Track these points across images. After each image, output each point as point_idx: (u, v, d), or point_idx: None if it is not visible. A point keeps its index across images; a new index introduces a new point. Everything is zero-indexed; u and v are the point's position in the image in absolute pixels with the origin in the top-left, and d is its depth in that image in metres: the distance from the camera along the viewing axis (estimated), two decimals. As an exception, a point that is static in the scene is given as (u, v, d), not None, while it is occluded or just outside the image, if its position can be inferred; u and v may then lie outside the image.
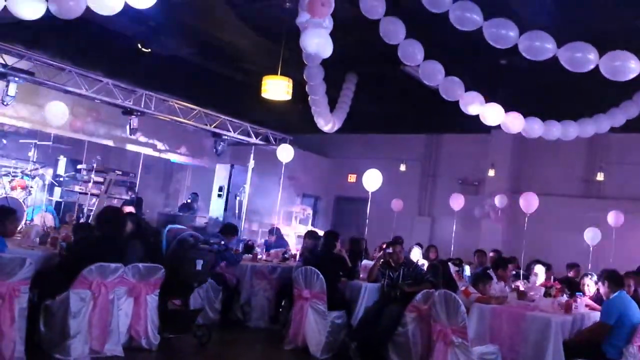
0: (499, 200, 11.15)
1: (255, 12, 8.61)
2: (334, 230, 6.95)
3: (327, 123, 9.68)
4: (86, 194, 9.43)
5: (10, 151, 10.03)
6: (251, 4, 8.40)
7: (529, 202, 8.85)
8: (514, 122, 7.29)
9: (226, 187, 12.31)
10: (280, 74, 8.41)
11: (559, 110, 7.87)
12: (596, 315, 5.52)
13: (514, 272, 7.38)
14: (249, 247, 8.29)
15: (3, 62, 7.49)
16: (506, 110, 7.24)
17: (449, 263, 7.73)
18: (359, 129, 12.74)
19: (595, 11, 6.68)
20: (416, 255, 8.38)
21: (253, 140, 11.79)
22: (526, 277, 7.21)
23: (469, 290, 5.59)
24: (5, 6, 5.28)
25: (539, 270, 7.20)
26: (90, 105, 9.85)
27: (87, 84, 8.58)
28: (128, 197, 10.47)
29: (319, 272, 5.90)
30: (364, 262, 7.41)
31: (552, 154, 11.36)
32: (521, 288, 6.01)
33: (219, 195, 12.42)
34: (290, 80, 8.39)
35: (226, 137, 11.14)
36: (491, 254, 8.72)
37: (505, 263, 6.98)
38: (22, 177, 9.23)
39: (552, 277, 7.20)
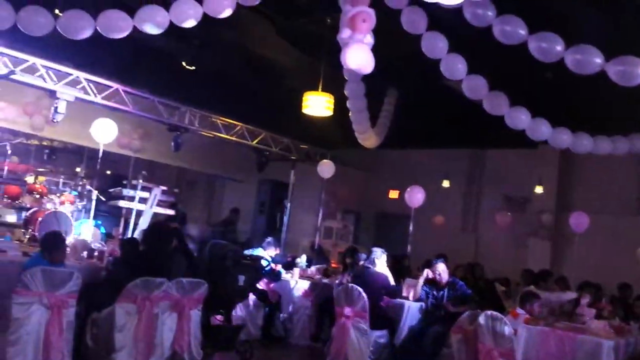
0: (546, 218, 10.84)
1: (296, 29, 8.69)
2: (378, 247, 6.87)
3: (368, 138, 9.64)
4: (132, 209, 9.62)
5: (59, 167, 10.34)
6: (292, 21, 8.49)
7: (580, 222, 8.56)
8: (561, 137, 7.08)
9: (267, 202, 12.38)
10: (321, 90, 8.45)
11: (608, 126, 7.61)
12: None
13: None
14: (290, 264, 8.29)
15: (53, 80, 7.75)
16: (553, 125, 7.05)
17: (496, 283, 7.54)
18: (401, 145, 12.63)
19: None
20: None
21: (294, 156, 11.83)
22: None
23: (516, 311, 5.42)
24: (55, 26, 5.49)
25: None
26: (136, 122, 10.09)
27: (134, 102, 8.79)
28: (172, 213, 10.63)
29: (361, 290, 5.83)
30: (407, 280, 7.29)
31: (601, 171, 10.99)
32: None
33: (260, 211, 12.50)
34: (331, 96, 8.41)
35: (267, 153, 11.21)
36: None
37: (544, 276, 6.75)
38: (70, 192, 9.50)
39: (602, 299, 6.93)
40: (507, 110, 6.94)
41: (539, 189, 11.66)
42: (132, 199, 9.62)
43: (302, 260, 8.18)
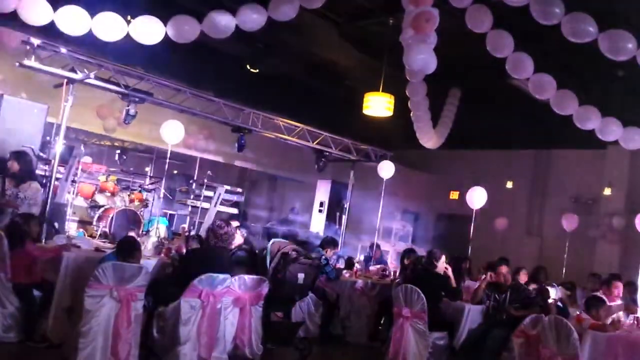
0: (616, 221, 10.39)
1: (357, 30, 8.73)
2: (437, 248, 6.79)
3: (430, 139, 9.56)
4: (197, 207, 9.93)
5: (129, 166, 10.81)
6: (354, 22, 8.53)
7: None
8: (633, 138, 6.79)
9: (327, 202, 12.45)
10: (382, 90, 8.45)
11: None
12: None
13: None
14: (349, 263, 8.33)
15: (125, 83, 8.12)
16: (624, 125, 6.77)
17: (560, 287, 7.30)
18: (462, 145, 12.43)
19: None
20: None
21: (354, 156, 11.86)
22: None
23: (582, 316, 5.25)
24: (128, 32, 5.77)
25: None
26: (202, 123, 10.40)
27: (200, 104, 9.07)
28: (236, 211, 10.90)
29: (420, 291, 5.80)
30: (467, 282, 7.18)
31: None
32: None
33: (320, 211, 12.59)
34: (392, 97, 8.39)
35: (327, 154, 11.29)
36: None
37: (609, 280, 6.48)
38: (139, 191, 9.92)
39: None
40: (575, 109, 6.72)
41: (607, 191, 11.19)
42: (197, 197, 9.93)
43: (361, 259, 8.20)
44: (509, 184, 12.58)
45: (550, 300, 6.20)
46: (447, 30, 6.31)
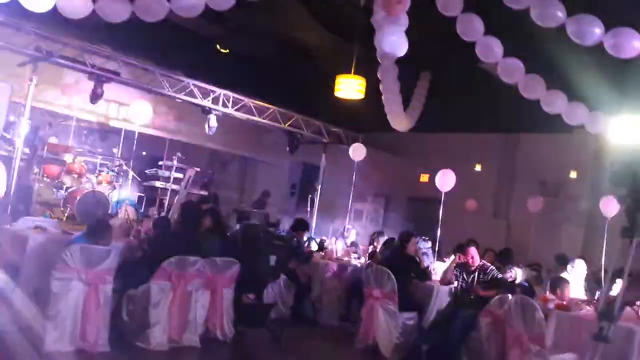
0: (581, 204, 10.64)
1: (329, 11, 8.67)
2: (407, 230, 6.87)
3: (400, 122, 9.60)
4: (167, 189, 9.82)
5: (96, 147, 10.59)
6: (326, 4, 8.47)
7: (609, 206, 8.39)
8: (598, 122, 6.95)
9: (298, 184, 12.47)
10: (354, 73, 8.43)
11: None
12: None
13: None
14: (320, 245, 8.37)
15: (91, 62, 7.93)
16: (590, 110, 6.91)
17: (526, 268, 7.48)
18: (433, 128, 12.52)
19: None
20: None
21: (325, 138, 11.86)
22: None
23: (547, 296, 5.39)
24: (93, 9, 5.60)
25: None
26: (171, 104, 10.24)
27: (169, 84, 8.93)
28: (206, 193, 10.81)
29: (390, 272, 5.87)
30: (437, 263, 7.30)
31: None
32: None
33: (292, 193, 12.61)
34: (363, 79, 8.39)
35: (299, 136, 11.26)
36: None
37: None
38: (107, 173, 9.75)
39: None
40: (542, 94, 6.83)
41: (573, 174, 11.43)
42: (167, 179, 9.82)
43: (332, 241, 8.25)
44: (478, 167, 12.75)
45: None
46: (419, 13, 6.32)
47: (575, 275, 6.83)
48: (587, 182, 11.40)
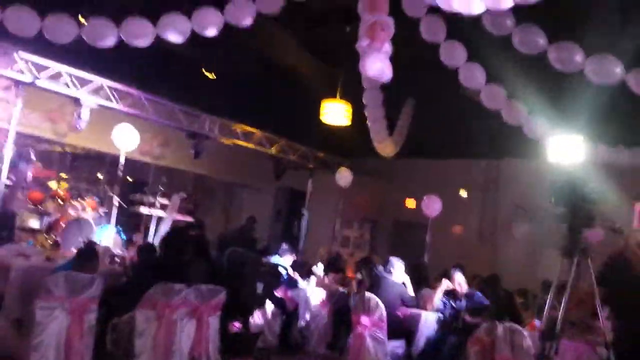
0: (561, 228, 10.70)
1: (315, 37, 8.76)
2: (395, 256, 6.86)
3: (386, 147, 9.65)
4: (152, 215, 9.73)
5: (81, 173, 10.50)
6: (312, 29, 8.56)
7: (593, 235, 8.46)
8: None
9: (285, 210, 12.42)
10: (340, 98, 8.50)
11: (629, 136, 7.55)
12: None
13: None
14: (308, 271, 8.30)
15: (77, 87, 7.89)
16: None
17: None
18: (418, 154, 12.61)
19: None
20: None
21: (312, 164, 11.87)
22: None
23: (534, 323, 5.38)
24: (79, 34, 5.61)
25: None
26: (156, 129, 10.20)
27: (155, 109, 8.90)
28: (192, 219, 10.72)
29: (378, 299, 5.83)
30: (425, 290, 7.26)
31: (618, 182, 10.80)
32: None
33: (278, 219, 12.55)
34: (349, 105, 8.45)
35: (285, 161, 11.27)
36: None
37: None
38: (92, 198, 9.64)
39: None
40: (525, 119, 6.93)
41: (554, 199, 11.51)
42: (152, 205, 9.73)
43: (318, 268, 8.20)
44: (463, 193, 12.82)
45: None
46: (404, 39, 6.40)
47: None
48: (612, 212, 11.44)
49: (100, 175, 10.40)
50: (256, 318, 6.30)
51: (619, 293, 2.78)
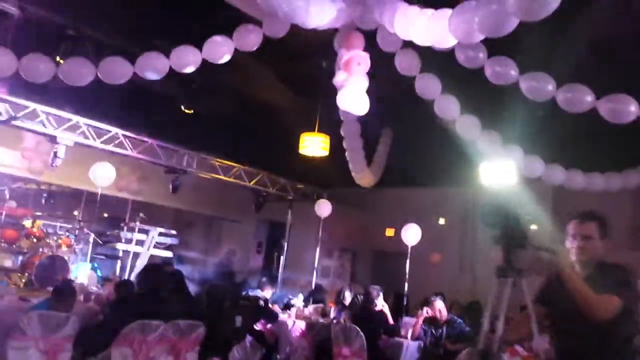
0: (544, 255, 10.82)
1: (292, 71, 8.87)
2: (374, 285, 6.86)
3: (365, 177, 9.72)
4: (128, 251, 9.61)
5: (56, 210, 10.37)
6: (289, 64, 8.67)
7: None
8: (555, 174, 7.20)
9: (265, 242, 12.38)
10: (318, 131, 8.59)
11: (601, 162, 7.73)
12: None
13: None
14: (288, 304, 8.24)
15: (53, 125, 7.86)
16: (546, 162, 7.16)
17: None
18: (397, 184, 12.72)
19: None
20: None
21: (291, 195, 11.90)
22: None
23: (515, 348, 5.39)
24: (56, 73, 5.62)
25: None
26: (134, 164, 10.18)
27: (132, 145, 8.89)
28: (170, 254, 10.62)
29: (359, 329, 5.81)
30: (405, 318, 7.26)
31: (594, 206, 11.00)
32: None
33: (258, 251, 12.49)
34: (327, 137, 8.54)
35: (265, 193, 11.28)
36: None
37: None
38: (67, 236, 9.50)
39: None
40: (500, 148, 7.06)
41: (532, 225, 11.66)
42: (129, 241, 9.63)
43: (299, 300, 8.14)
44: (442, 221, 12.92)
45: None
46: (380, 73, 6.53)
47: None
48: (546, 232, 11.64)
49: (76, 213, 10.27)
50: (235, 353, 6.19)
51: (557, 312, 2.86)
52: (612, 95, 5.58)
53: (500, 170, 7.07)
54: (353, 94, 6.10)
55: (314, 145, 8.50)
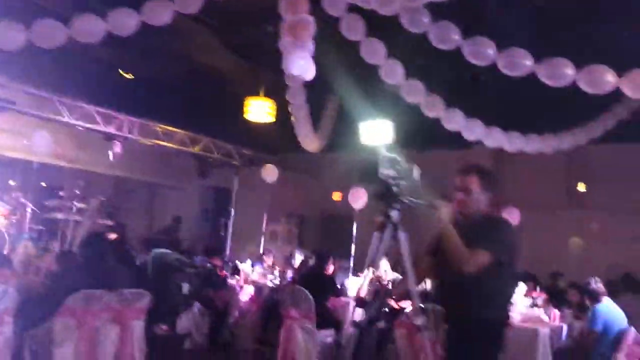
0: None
1: (237, 36, 8.68)
2: (322, 249, 6.95)
3: (311, 142, 9.73)
4: (69, 220, 9.33)
5: (-9, 180, 9.92)
6: (233, 28, 8.48)
7: (511, 217, 8.93)
8: (494, 137, 7.40)
9: (211, 209, 12.28)
10: (263, 96, 8.50)
11: (538, 124, 8.00)
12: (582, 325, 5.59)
13: None
14: (235, 269, 8.26)
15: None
16: (487, 125, 7.35)
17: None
18: (343, 148, 12.80)
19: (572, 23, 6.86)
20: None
21: (237, 161, 11.79)
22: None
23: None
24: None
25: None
26: (72, 132, 9.81)
27: (69, 111, 8.55)
28: (111, 223, 10.38)
29: (307, 292, 5.89)
30: (352, 278, 7.41)
31: (532, 167, 11.47)
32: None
33: (204, 218, 12.39)
34: (273, 102, 8.47)
35: (210, 159, 11.13)
36: None
37: None
38: (3, 206, 9.13)
39: (537, 288, 7.26)
40: (442, 112, 7.19)
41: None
42: (69, 210, 9.35)
43: (247, 265, 8.17)
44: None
45: None
46: (326, 37, 6.48)
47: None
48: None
49: (12, 182, 9.84)
50: (183, 320, 6.19)
51: (440, 264, 3.01)
52: (551, 59, 5.75)
53: (378, 129, 7.46)
54: (299, 59, 6.04)
55: (259, 110, 8.43)
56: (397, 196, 2.86)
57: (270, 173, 10.26)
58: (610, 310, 5.15)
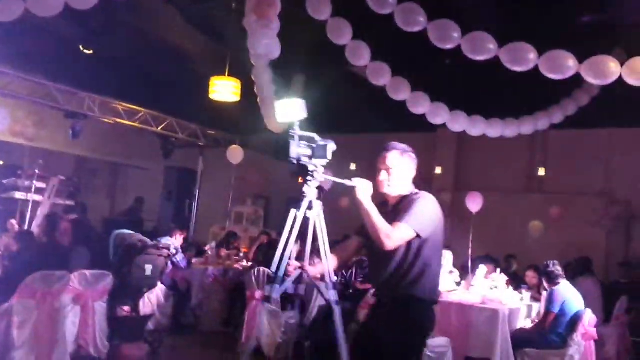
0: (445, 196, 11.40)
1: (201, 14, 8.52)
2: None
3: (276, 123, 9.67)
4: (28, 200, 9.10)
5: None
6: (197, 6, 8.32)
7: (474, 201, 9.11)
8: (458, 121, 7.50)
9: (175, 190, 12.13)
10: (229, 75, 8.37)
11: (501, 109, 8.13)
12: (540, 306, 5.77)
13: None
14: (200, 250, 8.21)
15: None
16: (451, 109, 7.44)
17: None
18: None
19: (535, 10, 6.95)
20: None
21: (202, 142, 11.65)
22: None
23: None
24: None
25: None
26: (30, 109, 9.52)
27: (28, 88, 8.29)
28: (72, 203, 10.16)
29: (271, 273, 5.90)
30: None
31: (495, 151, 11.68)
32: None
33: (168, 199, 12.24)
34: (238, 81, 8.35)
35: (174, 139, 10.96)
36: None
37: None
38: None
39: (498, 271, 7.44)
40: (408, 95, 7.24)
41: (438, 170, 12.25)
42: (28, 189, 9.11)
43: (212, 246, 8.13)
44: (353, 166, 13.18)
45: None
46: (291, 16, 6.42)
47: (444, 265, 7.31)
48: (450, 177, 12.28)
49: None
50: (147, 300, 6.13)
51: (369, 243, 3.05)
52: (513, 44, 5.83)
53: (292, 107, 7.45)
54: (264, 37, 5.98)
55: (224, 90, 8.31)
56: (311, 173, 2.87)
57: (235, 154, 10.18)
58: (567, 292, 5.32)
